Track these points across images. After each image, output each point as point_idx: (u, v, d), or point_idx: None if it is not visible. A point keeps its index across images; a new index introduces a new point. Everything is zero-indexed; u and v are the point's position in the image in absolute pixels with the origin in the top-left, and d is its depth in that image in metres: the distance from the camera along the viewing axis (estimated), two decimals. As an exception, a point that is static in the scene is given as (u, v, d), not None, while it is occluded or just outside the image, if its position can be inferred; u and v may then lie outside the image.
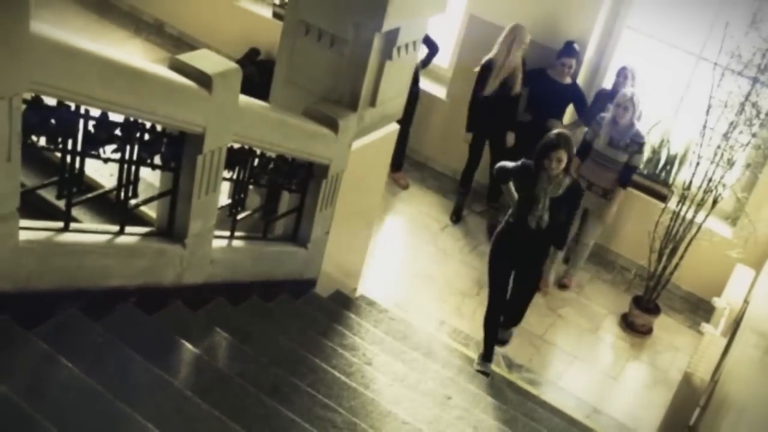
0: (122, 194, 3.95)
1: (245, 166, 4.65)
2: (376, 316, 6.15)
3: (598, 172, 7.00)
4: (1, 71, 2.87)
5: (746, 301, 6.05)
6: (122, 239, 3.97)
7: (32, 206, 3.58)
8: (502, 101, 7.53)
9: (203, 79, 3.83)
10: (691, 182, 6.74)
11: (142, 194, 4.11)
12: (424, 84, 8.61)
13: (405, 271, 7.35)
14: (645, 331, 7.22)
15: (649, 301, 7.14)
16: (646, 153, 7.66)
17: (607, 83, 7.80)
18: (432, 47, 8.05)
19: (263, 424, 3.76)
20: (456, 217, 8.27)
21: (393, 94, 5.39)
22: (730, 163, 6.52)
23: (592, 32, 7.62)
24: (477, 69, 7.58)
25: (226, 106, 4.00)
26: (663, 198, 7.41)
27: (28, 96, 3.16)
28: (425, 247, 7.73)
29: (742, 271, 6.60)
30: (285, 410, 3.88)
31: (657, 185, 7.61)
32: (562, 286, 7.60)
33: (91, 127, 3.55)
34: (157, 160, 3.98)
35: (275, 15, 9.36)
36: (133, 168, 3.90)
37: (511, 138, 7.76)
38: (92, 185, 4.11)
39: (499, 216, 7.78)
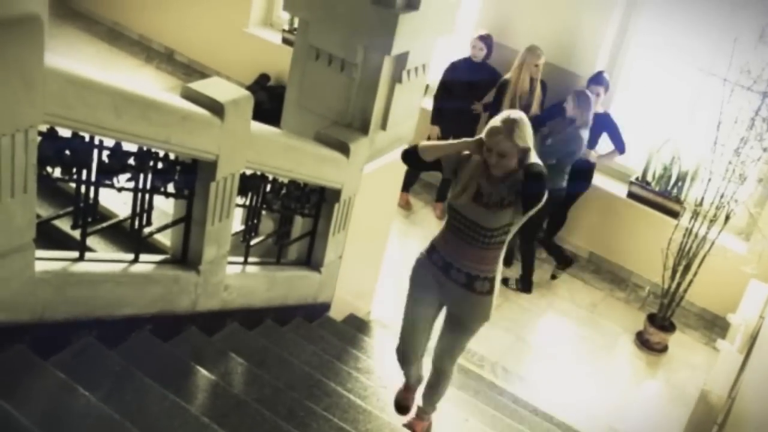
0: (136, 223, 3.97)
1: (258, 192, 4.67)
2: (390, 339, 6.14)
3: None
4: (17, 104, 2.91)
5: (762, 317, 6.02)
6: (137, 267, 3.99)
7: (47, 236, 3.61)
8: None
9: (215, 107, 3.86)
10: (703, 198, 6.72)
11: (156, 222, 4.13)
12: (431, 103, 8.65)
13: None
14: (660, 349, 7.19)
15: (664, 318, 7.11)
16: (658, 170, 7.67)
17: (615, 101, 7.79)
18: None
19: (280, 449, 3.77)
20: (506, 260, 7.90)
21: (403, 117, 5.42)
22: (742, 179, 6.51)
23: (600, 50, 7.64)
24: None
25: (238, 133, 4.03)
26: (675, 215, 7.39)
27: (43, 128, 3.19)
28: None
29: (757, 287, 6.56)
30: (301, 435, 3.88)
31: (669, 202, 7.59)
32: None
33: (105, 157, 3.58)
34: (170, 188, 4.00)
35: (284, 41, 9.42)
36: (147, 196, 3.93)
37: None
38: (106, 214, 4.14)
39: None
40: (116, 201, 4.21)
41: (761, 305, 6.18)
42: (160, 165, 3.87)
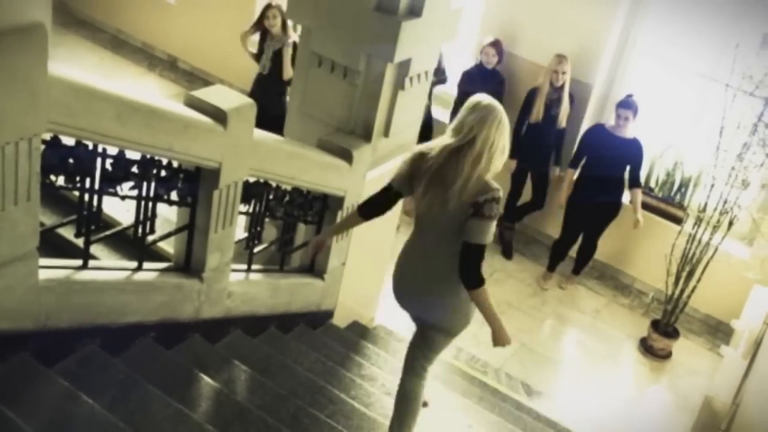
0: (140, 231, 3.98)
1: (261, 200, 4.67)
2: (394, 345, 6.14)
3: None
4: (21, 113, 2.92)
5: (765, 323, 6.01)
6: (140, 275, 4.00)
7: (51, 245, 3.62)
8: (546, 132, 7.60)
9: (219, 115, 3.87)
10: (706, 204, 6.72)
11: (159, 230, 4.14)
12: (438, 112, 8.65)
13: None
14: (664, 355, 7.18)
15: (668, 324, 7.10)
16: (661, 175, 7.68)
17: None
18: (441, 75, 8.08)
19: (284, 456, 3.77)
20: (507, 254, 8.21)
21: (406, 124, 5.42)
22: (745, 184, 6.51)
23: (602, 57, 7.64)
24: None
25: (241, 141, 4.04)
26: (678, 221, 7.39)
27: (46, 136, 3.20)
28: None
29: (761, 292, 6.56)
30: (305, 442, 3.88)
31: (672, 208, 7.60)
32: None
33: (108, 165, 3.58)
34: (173, 195, 4.01)
35: (287, 47, 9.42)
36: (150, 204, 3.93)
37: (556, 171, 7.84)
38: (110, 222, 4.14)
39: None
40: (119, 209, 4.21)
41: (765, 311, 6.17)
42: (163, 173, 3.87)
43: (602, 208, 7.36)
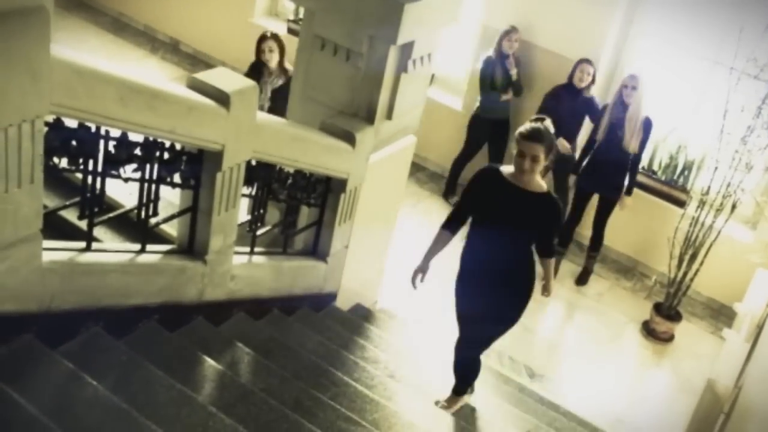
0: (143, 213, 3.98)
1: (264, 182, 4.67)
2: (397, 328, 6.16)
3: None
4: (23, 95, 2.91)
5: (768, 306, 6.02)
6: (143, 258, 4.00)
7: (54, 227, 3.62)
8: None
9: (221, 97, 3.86)
10: (709, 187, 6.72)
11: (163, 212, 4.14)
12: (441, 95, 8.64)
13: (424, 282, 7.33)
14: (667, 339, 7.19)
15: (670, 307, 7.11)
16: (665, 159, 7.66)
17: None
18: None
19: (287, 438, 3.78)
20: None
21: (409, 106, 5.41)
22: (749, 167, 6.50)
23: (606, 40, 7.61)
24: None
25: (244, 123, 4.04)
26: (682, 204, 7.39)
27: (49, 118, 3.20)
28: (446, 259, 7.71)
29: (764, 276, 6.56)
30: (308, 424, 3.88)
31: (675, 191, 7.59)
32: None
33: (111, 148, 3.58)
34: (176, 178, 4.01)
35: (290, 31, 9.41)
36: (153, 187, 3.93)
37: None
38: (113, 205, 4.14)
39: None
40: (123, 191, 4.21)
41: (768, 294, 6.18)
42: (166, 155, 3.87)
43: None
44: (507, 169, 4.47)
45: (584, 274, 7.75)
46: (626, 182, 7.19)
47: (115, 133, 3.55)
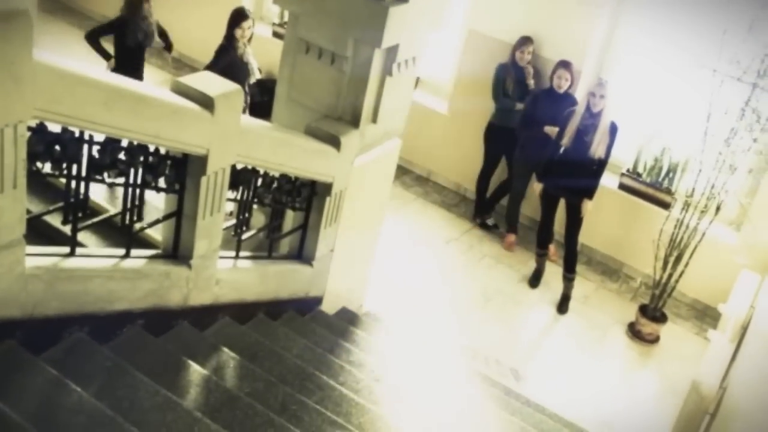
0: (127, 218, 3.97)
1: (249, 186, 4.66)
2: (382, 332, 6.15)
3: None
4: (5, 99, 2.90)
5: (752, 307, 6.04)
6: (128, 262, 3.98)
7: (38, 232, 3.60)
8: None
9: (205, 101, 3.85)
10: (693, 189, 6.75)
11: (147, 217, 4.13)
12: (426, 98, 8.64)
13: (411, 286, 7.35)
14: (652, 340, 7.22)
15: (656, 309, 7.14)
16: (649, 161, 7.68)
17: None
18: None
19: (273, 443, 3.77)
20: (533, 284, 7.80)
21: (394, 109, 5.42)
22: (733, 169, 6.54)
23: (590, 44, 7.64)
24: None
25: (228, 127, 4.03)
26: (666, 206, 7.42)
27: (32, 123, 3.18)
28: (431, 261, 7.74)
29: (748, 277, 6.59)
30: (294, 428, 3.87)
31: (660, 193, 7.62)
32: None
33: (95, 152, 3.57)
34: (161, 182, 3.99)
35: (275, 34, 9.42)
36: (138, 191, 3.92)
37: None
38: (97, 209, 4.13)
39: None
40: (107, 196, 4.20)
41: (752, 295, 6.21)
42: (150, 160, 3.86)
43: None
44: None
45: (564, 301, 7.56)
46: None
47: (99, 137, 3.53)
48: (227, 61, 7.07)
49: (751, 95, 6.34)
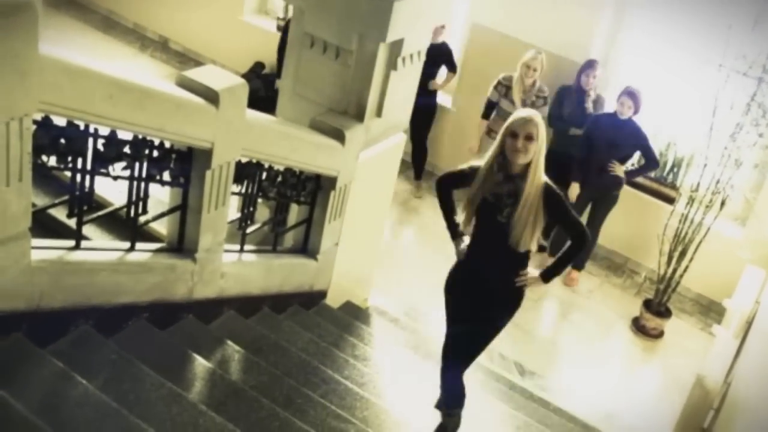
0: (132, 211, 3.97)
1: (254, 180, 4.67)
2: (387, 326, 6.16)
3: None
4: (11, 92, 2.90)
5: (757, 302, 6.04)
6: (133, 256, 3.99)
7: (43, 225, 3.61)
8: None
9: (210, 95, 3.86)
10: (699, 184, 6.74)
11: (152, 211, 4.13)
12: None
13: (415, 280, 7.35)
14: (656, 335, 7.21)
15: (660, 304, 7.13)
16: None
17: (611, 88, 7.77)
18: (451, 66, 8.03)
19: (278, 436, 3.78)
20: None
21: (399, 104, 5.42)
22: (738, 164, 6.52)
23: (594, 37, 7.62)
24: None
25: (233, 121, 4.03)
26: (671, 200, 7.41)
27: (38, 116, 3.18)
28: (436, 256, 7.72)
29: (753, 272, 6.58)
30: (299, 422, 3.89)
31: (665, 188, 7.61)
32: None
33: (100, 146, 3.57)
34: (166, 176, 4.00)
35: (279, 29, 9.40)
36: (143, 185, 3.92)
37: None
38: (102, 203, 4.13)
39: None
40: (112, 189, 4.20)
41: (757, 290, 6.20)
42: (155, 153, 3.86)
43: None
44: None
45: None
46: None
47: (104, 131, 3.53)
48: None
49: (756, 90, 6.32)
